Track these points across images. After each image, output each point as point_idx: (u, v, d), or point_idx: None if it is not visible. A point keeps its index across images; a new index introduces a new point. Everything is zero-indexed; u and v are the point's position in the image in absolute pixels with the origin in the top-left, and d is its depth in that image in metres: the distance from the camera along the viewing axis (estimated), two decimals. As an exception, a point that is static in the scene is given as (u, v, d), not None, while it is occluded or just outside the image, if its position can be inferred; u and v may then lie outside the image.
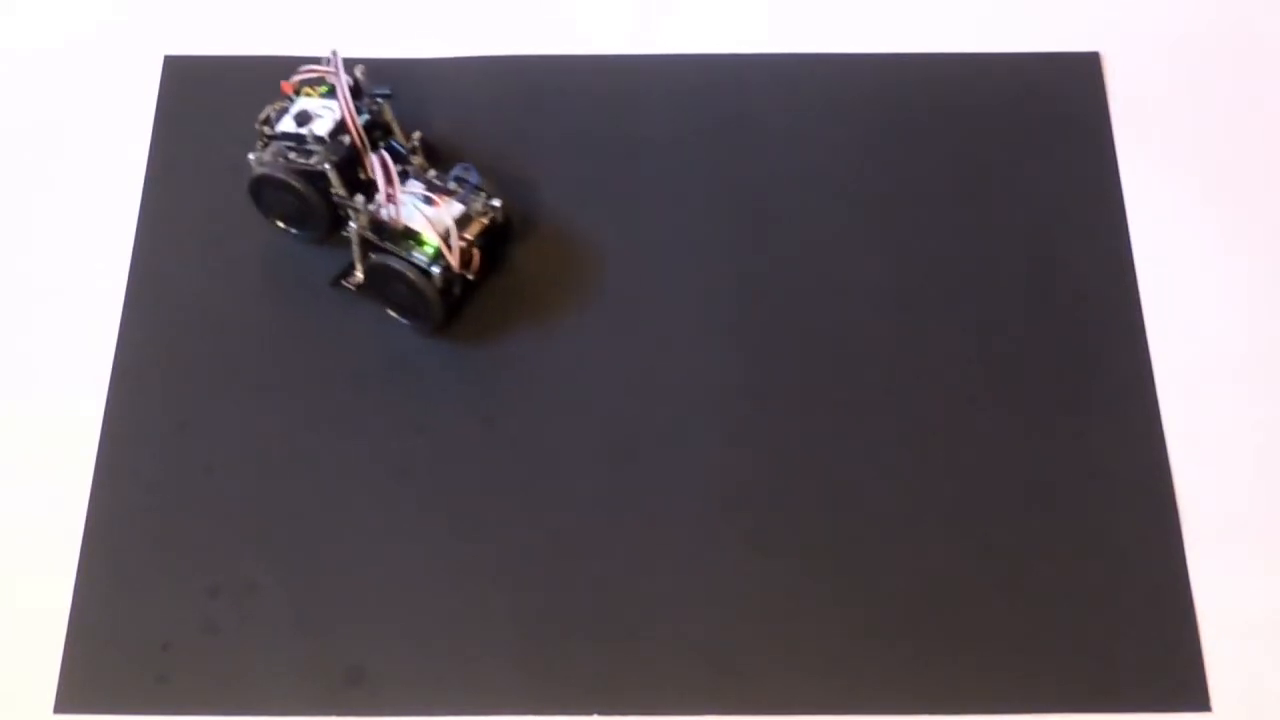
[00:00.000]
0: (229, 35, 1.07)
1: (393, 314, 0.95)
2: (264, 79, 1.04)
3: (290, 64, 1.05)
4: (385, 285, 0.93)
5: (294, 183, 0.94)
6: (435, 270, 0.91)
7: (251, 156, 0.95)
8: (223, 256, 0.98)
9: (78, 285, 0.98)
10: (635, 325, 0.96)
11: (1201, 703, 0.84)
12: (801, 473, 0.91)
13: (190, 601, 0.87)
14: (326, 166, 0.93)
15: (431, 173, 0.95)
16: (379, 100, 0.97)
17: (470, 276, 0.94)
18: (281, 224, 0.98)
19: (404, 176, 0.94)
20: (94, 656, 0.86)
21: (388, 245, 0.92)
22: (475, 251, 0.93)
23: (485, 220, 0.93)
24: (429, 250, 0.91)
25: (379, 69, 1.05)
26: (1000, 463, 0.91)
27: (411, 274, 0.91)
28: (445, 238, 0.91)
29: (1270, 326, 0.96)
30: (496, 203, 0.94)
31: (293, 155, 0.94)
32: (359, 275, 0.94)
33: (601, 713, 0.84)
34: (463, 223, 0.92)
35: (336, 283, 0.95)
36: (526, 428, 0.92)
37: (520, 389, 0.94)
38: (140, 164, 1.02)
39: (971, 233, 0.99)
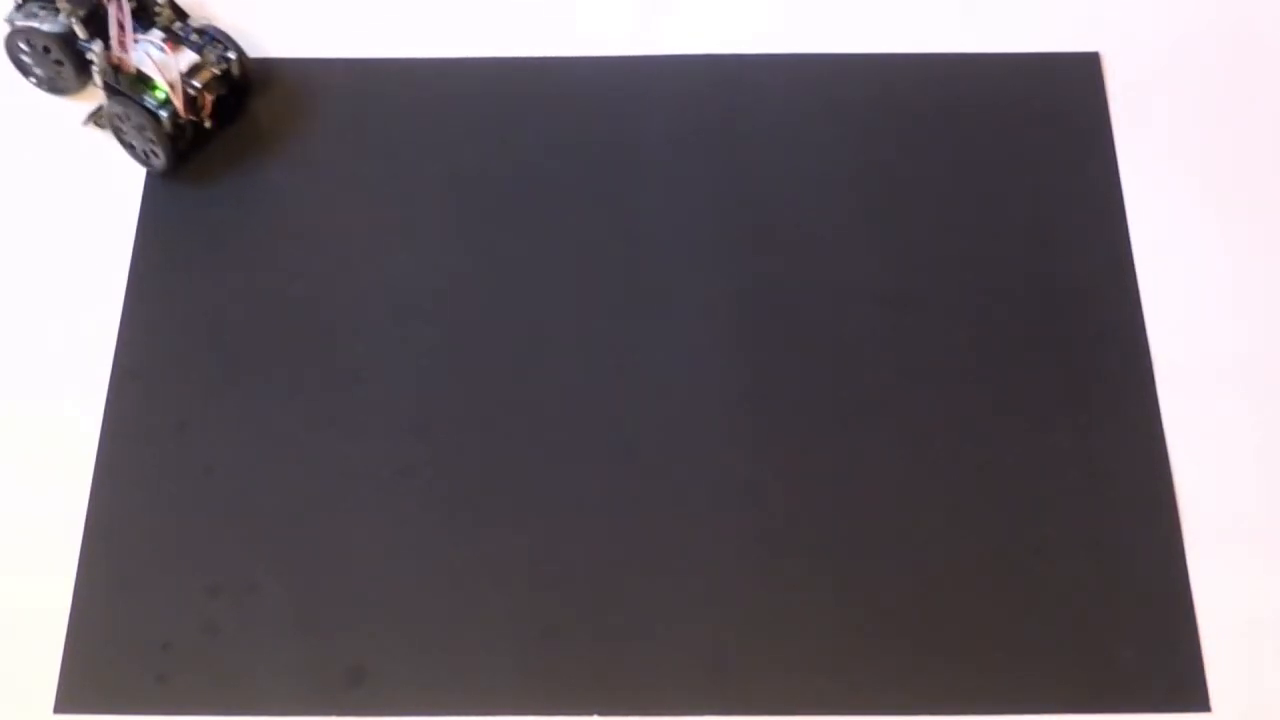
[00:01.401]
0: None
1: (130, 155, 1.00)
2: (262, 80, 1.04)
3: (289, 65, 1.05)
4: (122, 126, 0.99)
5: (42, 41, 1.00)
6: (163, 114, 0.96)
7: (3, 19, 1.01)
8: (222, 256, 0.98)
9: (78, 285, 0.98)
10: (635, 327, 0.96)
11: (1201, 703, 0.84)
12: (801, 472, 0.91)
13: (190, 601, 0.87)
14: (72, 21, 0.98)
15: (177, 25, 1.00)
16: None
17: (206, 124, 0.99)
18: (37, 84, 1.03)
19: (148, 27, 0.99)
20: (94, 656, 0.86)
21: (123, 89, 0.97)
22: (206, 98, 0.98)
23: (216, 70, 0.98)
24: (159, 95, 0.96)
25: (380, 69, 1.05)
26: (1000, 463, 0.91)
27: (141, 117, 0.96)
28: (172, 84, 0.96)
29: (1270, 326, 0.96)
30: (231, 55, 0.99)
31: (42, 14, 0.99)
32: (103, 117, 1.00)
33: (601, 713, 0.84)
34: (193, 71, 0.97)
35: (87, 122, 1.01)
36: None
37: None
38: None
39: (971, 233, 0.99)
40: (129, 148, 1.00)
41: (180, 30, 1.00)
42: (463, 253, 0.99)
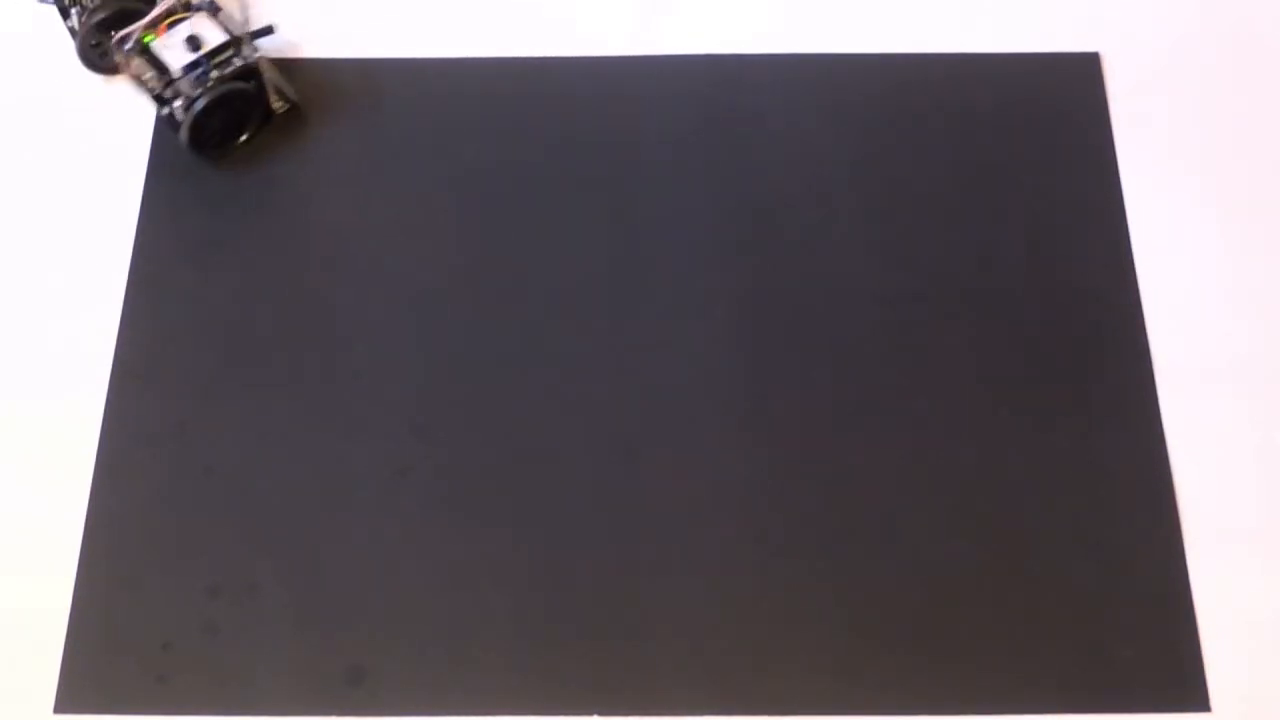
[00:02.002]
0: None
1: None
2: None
3: (287, 66, 1.05)
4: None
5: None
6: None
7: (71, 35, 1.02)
8: (222, 256, 0.98)
9: (78, 285, 0.98)
10: (636, 327, 0.96)
11: (1201, 703, 0.84)
12: (801, 473, 0.91)
13: (190, 601, 0.87)
14: None
15: (234, 56, 0.99)
16: None
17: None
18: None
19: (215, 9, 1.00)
20: (94, 656, 0.86)
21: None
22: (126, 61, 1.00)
23: (155, 84, 0.99)
24: (147, 39, 0.99)
25: (380, 69, 1.05)
26: (1001, 463, 0.91)
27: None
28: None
29: (1270, 326, 0.96)
30: (179, 105, 0.98)
31: None
32: None
33: (601, 713, 0.84)
34: (146, 65, 0.99)
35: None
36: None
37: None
38: (141, 163, 1.02)
39: (971, 233, 0.99)
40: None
41: (211, 52, 0.98)
42: (463, 252, 0.99)
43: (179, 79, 0.98)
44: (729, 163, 1.02)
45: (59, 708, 0.84)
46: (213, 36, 0.99)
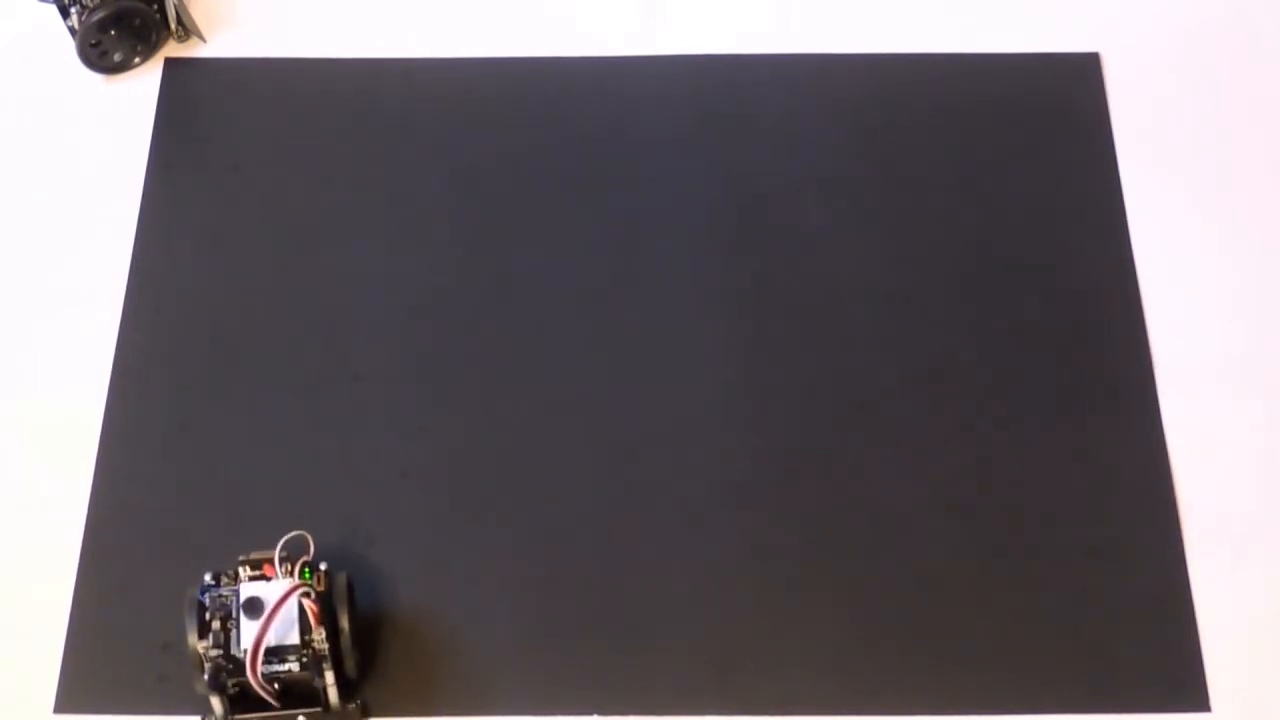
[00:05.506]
0: (228, 37, 1.07)
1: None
2: (262, 81, 1.04)
3: (288, 65, 1.05)
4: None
5: (130, 14, 1.02)
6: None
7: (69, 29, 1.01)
8: (223, 256, 0.98)
9: (78, 285, 0.98)
10: (635, 328, 0.96)
11: (1201, 703, 0.84)
12: (801, 473, 0.91)
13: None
14: None
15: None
16: None
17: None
18: (123, 60, 1.04)
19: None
20: (94, 656, 0.86)
21: None
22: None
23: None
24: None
25: (379, 69, 1.05)
26: (1000, 463, 0.91)
27: None
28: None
29: (1270, 326, 0.96)
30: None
31: None
32: None
33: (601, 713, 0.84)
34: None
35: None
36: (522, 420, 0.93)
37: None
38: (140, 164, 1.02)
39: (971, 233, 0.99)
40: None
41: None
42: (462, 252, 0.99)
43: None
44: (727, 162, 1.02)
45: (59, 707, 0.84)
46: None
